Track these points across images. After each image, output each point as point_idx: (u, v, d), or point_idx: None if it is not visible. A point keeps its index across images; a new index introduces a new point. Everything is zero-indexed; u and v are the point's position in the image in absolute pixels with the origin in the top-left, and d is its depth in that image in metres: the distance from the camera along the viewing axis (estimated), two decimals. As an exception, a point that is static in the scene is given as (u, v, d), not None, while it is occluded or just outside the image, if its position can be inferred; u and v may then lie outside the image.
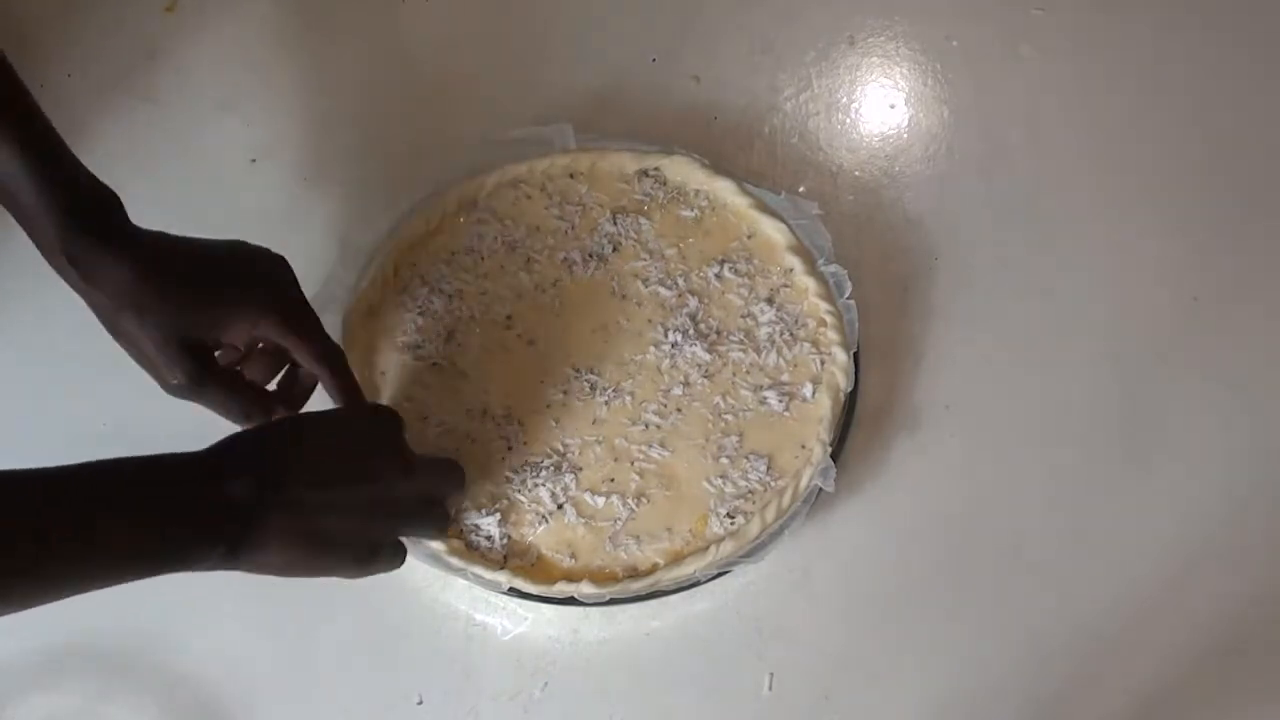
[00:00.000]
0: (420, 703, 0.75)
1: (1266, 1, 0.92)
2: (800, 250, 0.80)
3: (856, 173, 0.88)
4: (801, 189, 0.86)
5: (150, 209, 0.86)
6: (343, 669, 0.76)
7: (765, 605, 0.76)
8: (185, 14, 0.93)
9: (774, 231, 0.80)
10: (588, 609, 0.74)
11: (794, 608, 0.77)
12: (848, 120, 0.90)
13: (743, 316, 0.79)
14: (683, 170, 0.82)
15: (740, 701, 0.75)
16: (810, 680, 0.75)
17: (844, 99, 0.90)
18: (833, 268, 0.79)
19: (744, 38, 0.92)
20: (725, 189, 0.81)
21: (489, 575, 0.72)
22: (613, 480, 0.75)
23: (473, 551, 0.73)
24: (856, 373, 0.77)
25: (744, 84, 0.90)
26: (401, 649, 0.75)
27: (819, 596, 0.77)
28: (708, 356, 0.78)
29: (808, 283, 0.79)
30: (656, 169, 0.82)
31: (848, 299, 0.79)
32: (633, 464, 0.75)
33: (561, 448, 0.76)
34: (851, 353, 0.77)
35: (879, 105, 0.90)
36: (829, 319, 0.78)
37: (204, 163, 0.89)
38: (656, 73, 0.88)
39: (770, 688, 0.75)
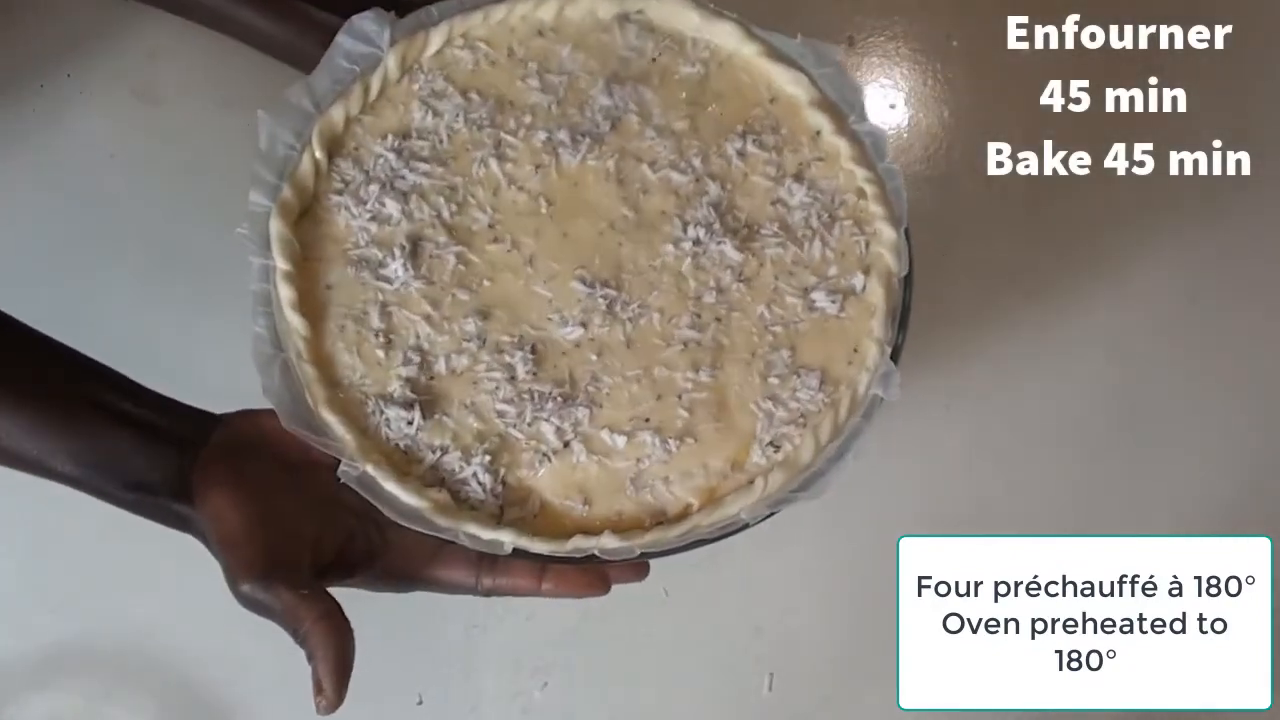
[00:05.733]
0: (420, 703, 0.75)
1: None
2: (826, 105, 0.64)
3: (857, 173, 0.88)
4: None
5: (151, 209, 0.86)
6: (343, 669, 0.76)
7: (765, 605, 0.77)
8: (185, 14, 0.93)
9: (792, 85, 0.65)
10: (589, 603, 0.69)
11: (794, 608, 0.77)
12: (848, 120, 0.90)
13: (773, 203, 0.63)
14: (673, 12, 0.65)
15: (740, 701, 0.75)
16: (810, 680, 0.75)
17: (844, 99, 0.90)
18: (868, 126, 0.64)
19: (744, 38, 0.92)
20: (728, 34, 0.65)
21: (485, 534, 0.56)
22: (647, 420, 0.60)
23: (462, 505, 0.57)
24: (911, 252, 0.62)
25: (744, 84, 0.90)
26: (401, 649, 0.75)
27: (820, 596, 0.77)
28: (739, 256, 0.62)
29: (839, 145, 0.63)
30: (640, 11, 0.65)
31: (889, 164, 0.63)
32: (680, 397, 0.60)
33: (582, 377, 0.60)
34: (902, 228, 0.62)
35: (879, 105, 0.90)
36: (868, 188, 0.63)
37: (205, 162, 0.89)
38: (656, 73, 0.87)
39: (770, 688, 0.75)
